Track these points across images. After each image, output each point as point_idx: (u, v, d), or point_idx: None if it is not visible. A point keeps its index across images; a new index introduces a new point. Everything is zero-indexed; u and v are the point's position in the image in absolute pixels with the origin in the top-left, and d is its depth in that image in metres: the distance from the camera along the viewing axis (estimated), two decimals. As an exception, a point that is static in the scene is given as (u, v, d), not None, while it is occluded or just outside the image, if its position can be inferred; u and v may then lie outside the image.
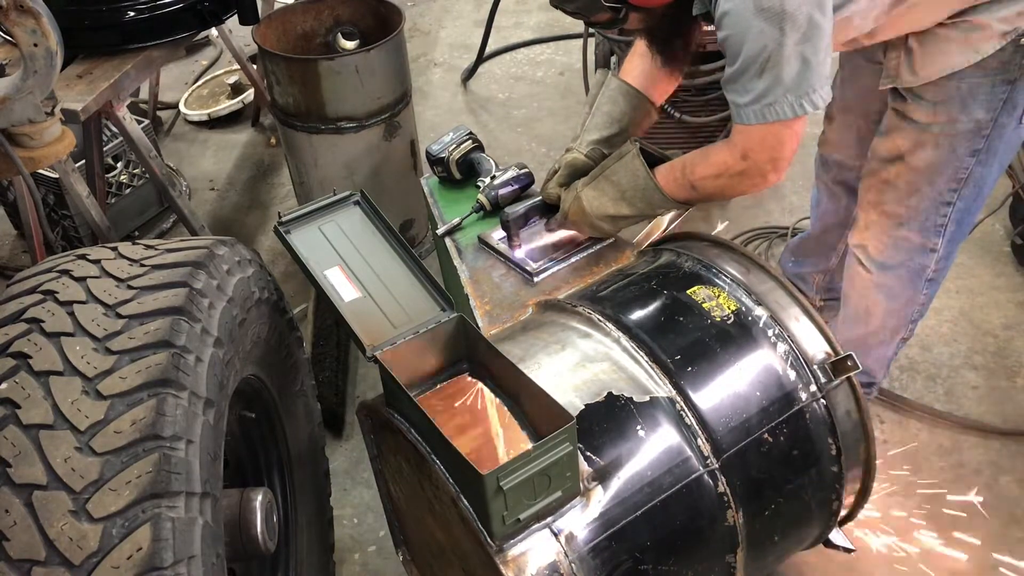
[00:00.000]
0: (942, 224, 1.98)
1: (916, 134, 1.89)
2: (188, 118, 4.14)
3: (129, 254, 1.49)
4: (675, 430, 1.53)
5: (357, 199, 1.90)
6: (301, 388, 1.96)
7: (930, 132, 1.87)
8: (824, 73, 1.62)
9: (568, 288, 1.86)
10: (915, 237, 2.01)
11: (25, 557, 1.11)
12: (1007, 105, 1.81)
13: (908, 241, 2.02)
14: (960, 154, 1.87)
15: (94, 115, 2.63)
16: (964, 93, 1.79)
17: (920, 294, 2.12)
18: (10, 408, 1.21)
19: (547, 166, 3.62)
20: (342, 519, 2.34)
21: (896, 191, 1.97)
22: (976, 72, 1.77)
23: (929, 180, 1.91)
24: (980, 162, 1.89)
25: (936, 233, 1.99)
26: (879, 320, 2.19)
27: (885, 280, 2.10)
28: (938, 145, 1.87)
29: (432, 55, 4.58)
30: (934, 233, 1.99)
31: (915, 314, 2.18)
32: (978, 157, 1.88)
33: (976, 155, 1.88)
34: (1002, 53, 1.74)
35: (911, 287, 2.10)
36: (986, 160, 1.89)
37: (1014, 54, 1.74)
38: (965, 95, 1.80)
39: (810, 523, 1.72)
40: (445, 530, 1.57)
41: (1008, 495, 2.28)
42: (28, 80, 1.84)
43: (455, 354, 1.63)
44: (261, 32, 2.83)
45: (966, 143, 1.86)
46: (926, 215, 1.97)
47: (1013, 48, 1.73)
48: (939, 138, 1.86)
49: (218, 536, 1.29)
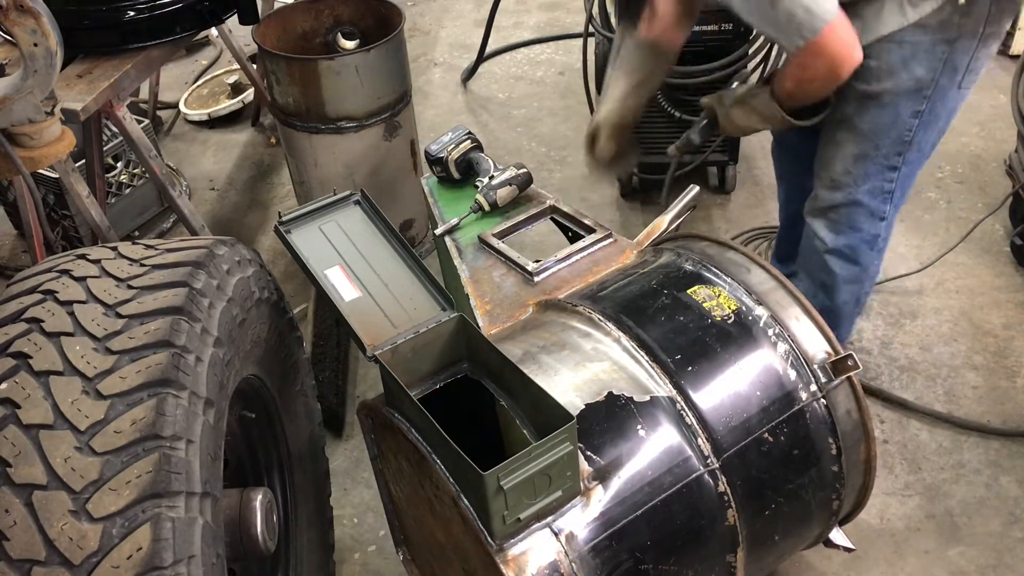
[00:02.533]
0: (889, 191, 2.02)
1: (860, 96, 1.92)
2: (188, 118, 4.14)
3: (129, 254, 1.49)
4: (675, 430, 1.53)
5: (357, 199, 1.90)
6: (301, 388, 1.96)
7: (873, 93, 1.90)
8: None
9: (568, 288, 1.86)
10: (864, 205, 2.04)
11: (25, 557, 1.11)
12: (947, 67, 1.85)
13: (859, 210, 2.05)
14: (903, 115, 1.91)
15: (94, 115, 2.63)
16: (905, 53, 1.83)
17: (873, 264, 2.16)
18: (10, 408, 1.21)
19: (547, 166, 3.66)
20: (342, 519, 2.34)
21: (844, 157, 2.00)
22: (916, 31, 1.80)
23: (875, 144, 1.95)
24: (922, 124, 1.92)
25: (884, 200, 2.03)
26: (841, 294, 2.22)
27: (840, 251, 2.13)
28: (882, 105, 1.90)
29: (432, 55, 4.58)
30: (882, 200, 2.03)
31: (871, 284, 2.23)
32: (920, 119, 1.91)
33: (918, 116, 1.91)
34: (940, 12, 1.77)
35: (866, 257, 2.13)
36: (928, 123, 1.93)
37: (952, 13, 1.77)
38: (907, 55, 1.83)
39: (810, 523, 1.72)
40: (445, 530, 1.57)
41: (1008, 495, 2.28)
42: (28, 80, 1.84)
43: (455, 354, 1.63)
44: (261, 32, 2.83)
45: (908, 103, 1.89)
46: (873, 181, 2.00)
47: (952, 7, 1.77)
48: (883, 97, 1.90)
49: (218, 536, 1.29)
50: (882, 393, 2.52)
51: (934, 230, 3.15)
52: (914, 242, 3.10)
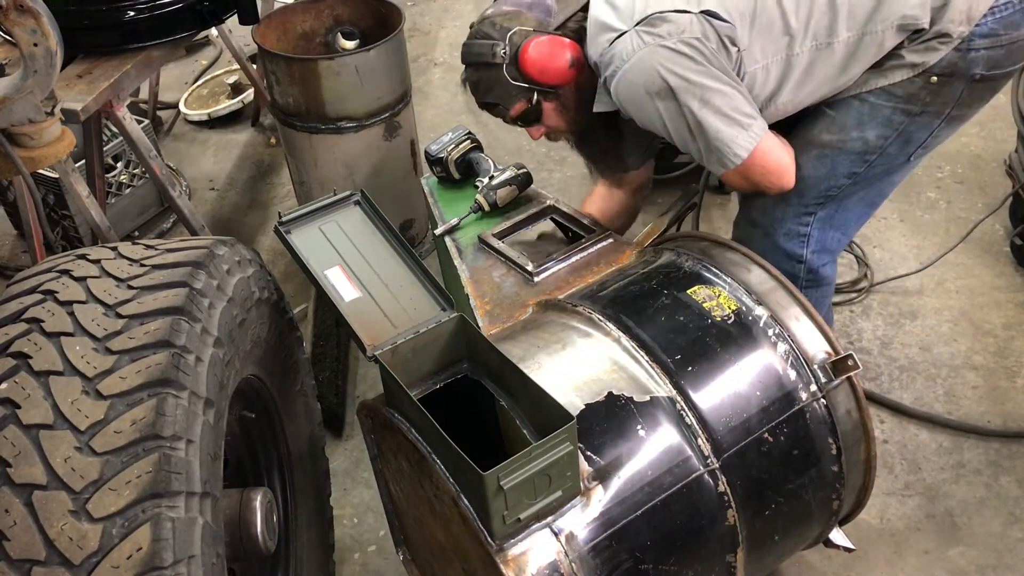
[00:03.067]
0: (804, 234, 1.97)
1: (802, 145, 1.88)
2: (188, 118, 4.14)
3: (129, 254, 1.49)
4: (675, 430, 1.53)
5: (357, 199, 1.90)
6: (301, 388, 1.96)
7: (818, 141, 1.86)
8: (745, 110, 1.72)
9: (568, 288, 1.86)
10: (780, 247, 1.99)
11: (25, 557, 1.11)
12: (900, 137, 1.82)
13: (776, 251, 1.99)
14: (839, 172, 1.87)
15: (94, 115, 2.63)
16: (863, 112, 1.80)
17: None
18: (10, 408, 1.21)
19: (547, 166, 3.65)
20: (342, 519, 2.34)
21: (764, 200, 1.95)
22: (881, 95, 1.78)
23: (799, 191, 1.90)
24: (854, 186, 1.89)
25: (800, 244, 1.98)
26: None
27: None
28: (821, 156, 1.86)
29: (432, 55, 4.58)
30: (798, 244, 1.98)
31: None
32: (854, 180, 1.88)
33: (853, 178, 1.88)
34: (910, 85, 1.75)
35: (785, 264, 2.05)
36: (860, 186, 1.89)
37: (921, 88, 1.75)
38: (864, 115, 1.80)
39: (810, 522, 1.72)
40: (445, 529, 1.57)
41: (1008, 495, 2.28)
42: (28, 80, 1.84)
43: (455, 354, 1.63)
44: (261, 32, 2.83)
45: (848, 163, 1.85)
46: (789, 224, 1.96)
47: (922, 83, 1.74)
48: (825, 149, 1.86)
49: (218, 536, 1.29)
50: (875, 396, 2.52)
51: (934, 230, 3.15)
52: (914, 242, 3.10)
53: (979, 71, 1.72)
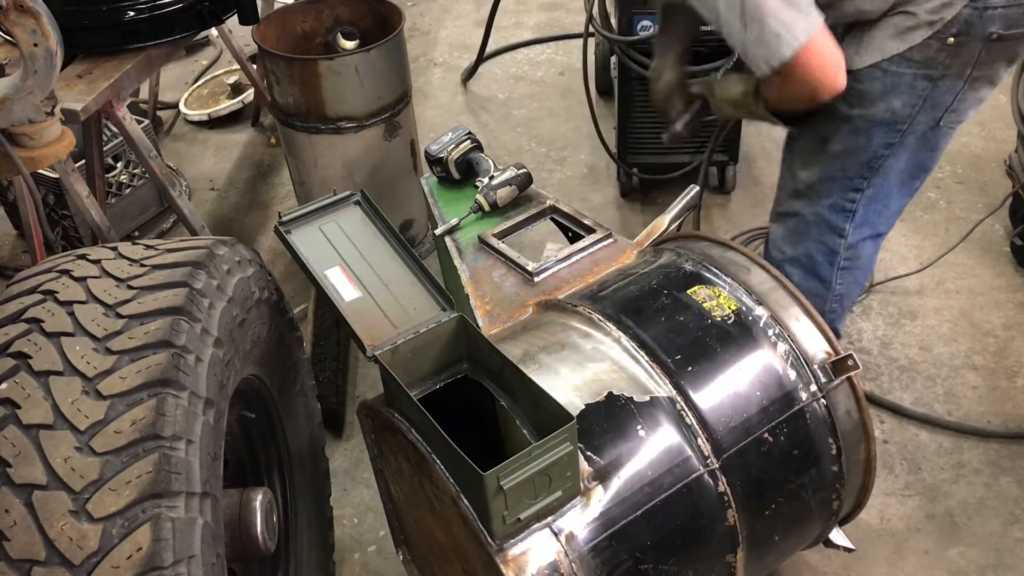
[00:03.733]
0: (850, 209, 1.95)
1: (836, 116, 1.87)
2: (188, 118, 4.14)
3: (129, 254, 1.49)
4: (675, 430, 1.53)
5: (357, 199, 1.90)
6: (301, 388, 1.96)
7: (848, 116, 1.86)
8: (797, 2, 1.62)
9: (568, 288, 1.86)
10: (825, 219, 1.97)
11: (25, 557, 1.11)
12: (926, 103, 1.80)
13: (818, 221, 1.98)
14: (875, 144, 1.86)
15: (94, 115, 2.63)
16: (887, 83, 1.79)
17: (837, 283, 2.06)
18: (10, 408, 1.21)
19: (547, 166, 3.66)
20: (342, 519, 2.34)
21: (810, 170, 1.95)
22: (900, 63, 1.77)
23: (841, 164, 1.90)
24: (894, 155, 1.88)
25: (845, 218, 1.96)
26: None
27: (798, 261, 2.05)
28: (855, 130, 1.86)
29: (432, 55, 4.58)
30: (842, 218, 1.96)
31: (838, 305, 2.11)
32: (892, 151, 1.87)
33: (890, 148, 1.86)
34: (927, 48, 1.73)
35: (825, 270, 2.04)
36: (899, 156, 1.88)
37: (939, 51, 1.73)
38: (888, 85, 1.79)
39: (810, 523, 1.72)
40: (445, 530, 1.57)
41: (1008, 495, 2.28)
42: (28, 80, 1.84)
43: (455, 354, 1.63)
44: (261, 32, 2.83)
45: (881, 133, 1.85)
46: (835, 198, 1.95)
47: (939, 45, 1.72)
48: (856, 122, 1.85)
49: (218, 536, 1.29)
50: (875, 398, 2.52)
51: (934, 230, 3.15)
52: (914, 242, 3.10)
53: (996, 30, 1.70)
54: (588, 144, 3.72)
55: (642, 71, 3.02)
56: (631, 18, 2.97)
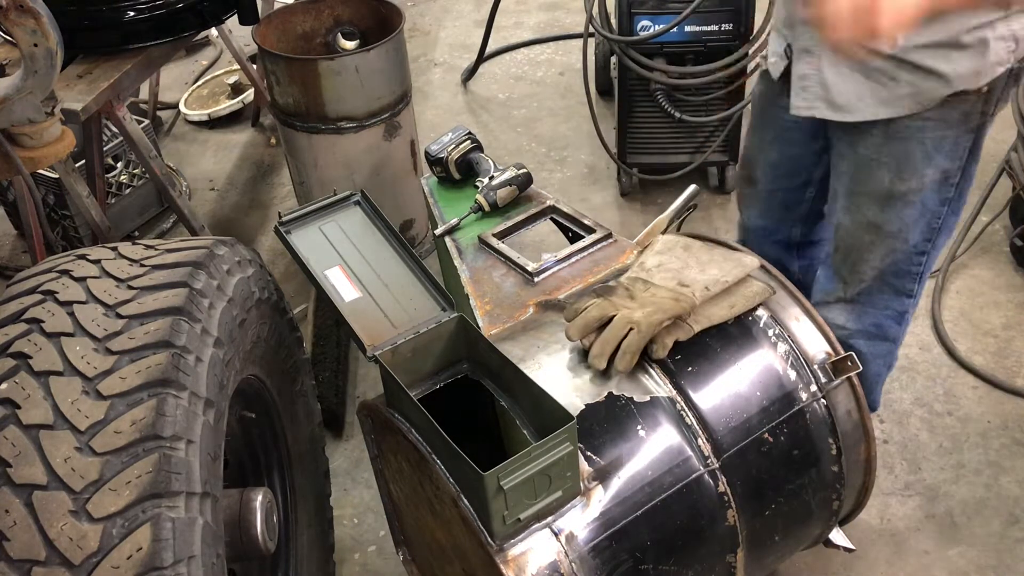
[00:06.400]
0: (917, 272, 1.88)
1: (880, 202, 1.79)
2: (188, 118, 4.14)
3: (129, 254, 1.49)
4: (675, 430, 1.53)
5: (357, 199, 1.90)
6: (301, 388, 1.96)
7: (894, 197, 1.77)
8: None
9: (568, 288, 1.86)
10: (891, 285, 1.90)
11: (25, 557, 1.11)
12: (972, 155, 1.74)
13: (884, 290, 1.91)
14: (931, 207, 1.78)
15: (94, 115, 2.63)
16: (927, 149, 1.70)
17: (902, 334, 2.02)
18: (10, 408, 1.21)
19: (547, 166, 3.65)
20: (342, 519, 2.34)
21: (871, 258, 1.86)
22: (940, 125, 1.67)
23: (904, 238, 1.81)
24: (952, 210, 1.81)
25: (912, 280, 1.89)
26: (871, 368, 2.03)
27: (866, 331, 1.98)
28: (908, 205, 1.77)
29: (432, 55, 4.58)
30: (909, 280, 1.89)
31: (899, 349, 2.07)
32: (950, 206, 1.79)
33: (947, 203, 1.79)
34: (961, 104, 1.64)
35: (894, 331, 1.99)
36: (956, 207, 1.82)
37: (976, 102, 1.65)
38: (928, 150, 1.70)
39: (810, 523, 1.72)
40: (445, 530, 1.57)
41: (1008, 495, 2.28)
42: (28, 80, 1.84)
43: (455, 354, 1.63)
44: (261, 32, 2.83)
45: (935, 196, 1.76)
46: (900, 266, 1.87)
47: (975, 96, 1.64)
48: (908, 197, 1.76)
49: (218, 536, 1.29)
50: None
51: (934, 230, 3.14)
52: (914, 242, 3.09)
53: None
54: (588, 144, 3.72)
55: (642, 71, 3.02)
56: (631, 18, 2.97)
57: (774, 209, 2.11)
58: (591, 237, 1.98)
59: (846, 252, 1.90)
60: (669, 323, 1.56)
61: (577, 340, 1.60)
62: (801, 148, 1.95)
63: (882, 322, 1.96)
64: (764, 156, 2.05)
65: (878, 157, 1.74)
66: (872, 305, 1.94)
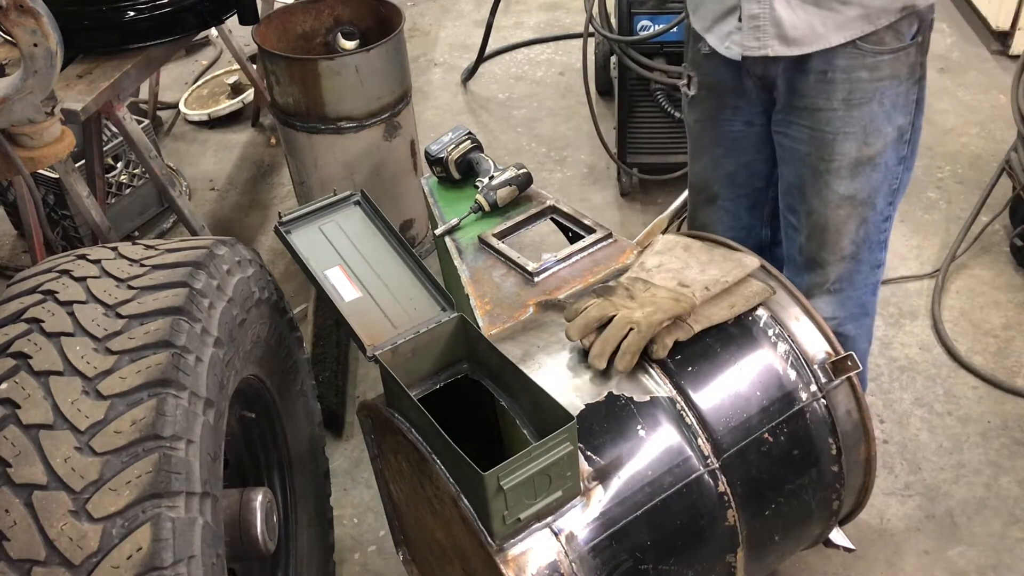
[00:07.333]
0: (884, 240, 1.94)
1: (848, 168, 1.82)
2: (188, 118, 4.14)
3: (129, 254, 1.49)
4: (675, 430, 1.53)
5: (357, 199, 1.90)
6: (301, 388, 1.96)
7: (862, 162, 1.81)
8: None
9: (568, 288, 1.86)
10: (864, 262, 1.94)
11: (25, 557, 1.11)
12: (918, 106, 1.80)
13: (859, 267, 1.94)
14: (891, 167, 1.83)
15: (94, 115, 2.63)
16: (886, 107, 1.76)
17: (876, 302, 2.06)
18: (10, 408, 1.21)
19: (547, 166, 3.66)
20: (342, 519, 2.34)
21: (850, 230, 1.89)
22: (894, 83, 1.74)
23: (872, 204, 1.86)
24: (907, 167, 1.86)
25: (881, 248, 1.94)
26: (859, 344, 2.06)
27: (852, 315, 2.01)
28: (874, 168, 1.82)
29: (432, 55, 4.58)
30: (879, 249, 1.94)
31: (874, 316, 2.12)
32: (904, 163, 1.85)
33: (903, 161, 1.85)
34: (908, 56, 1.72)
35: (871, 303, 2.04)
36: (910, 163, 1.87)
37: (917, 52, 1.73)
38: (887, 108, 1.76)
39: (810, 523, 1.72)
40: (445, 530, 1.57)
41: (1008, 495, 2.28)
42: (28, 80, 1.84)
43: (455, 354, 1.63)
44: (261, 32, 2.83)
45: (893, 155, 1.82)
46: (872, 236, 1.91)
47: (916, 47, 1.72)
48: (874, 160, 1.81)
49: (218, 536, 1.29)
50: None
51: (934, 230, 3.15)
52: (914, 242, 3.10)
53: None
54: (588, 144, 3.72)
55: (642, 71, 3.02)
56: (631, 18, 2.97)
57: (742, 216, 2.13)
58: (591, 237, 1.98)
59: (821, 235, 1.92)
60: (669, 323, 1.57)
61: (577, 340, 1.60)
62: (754, 153, 1.99)
63: (864, 299, 2.01)
64: (720, 172, 2.07)
65: (843, 128, 1.78)
66: (853, 287, 1.98)
